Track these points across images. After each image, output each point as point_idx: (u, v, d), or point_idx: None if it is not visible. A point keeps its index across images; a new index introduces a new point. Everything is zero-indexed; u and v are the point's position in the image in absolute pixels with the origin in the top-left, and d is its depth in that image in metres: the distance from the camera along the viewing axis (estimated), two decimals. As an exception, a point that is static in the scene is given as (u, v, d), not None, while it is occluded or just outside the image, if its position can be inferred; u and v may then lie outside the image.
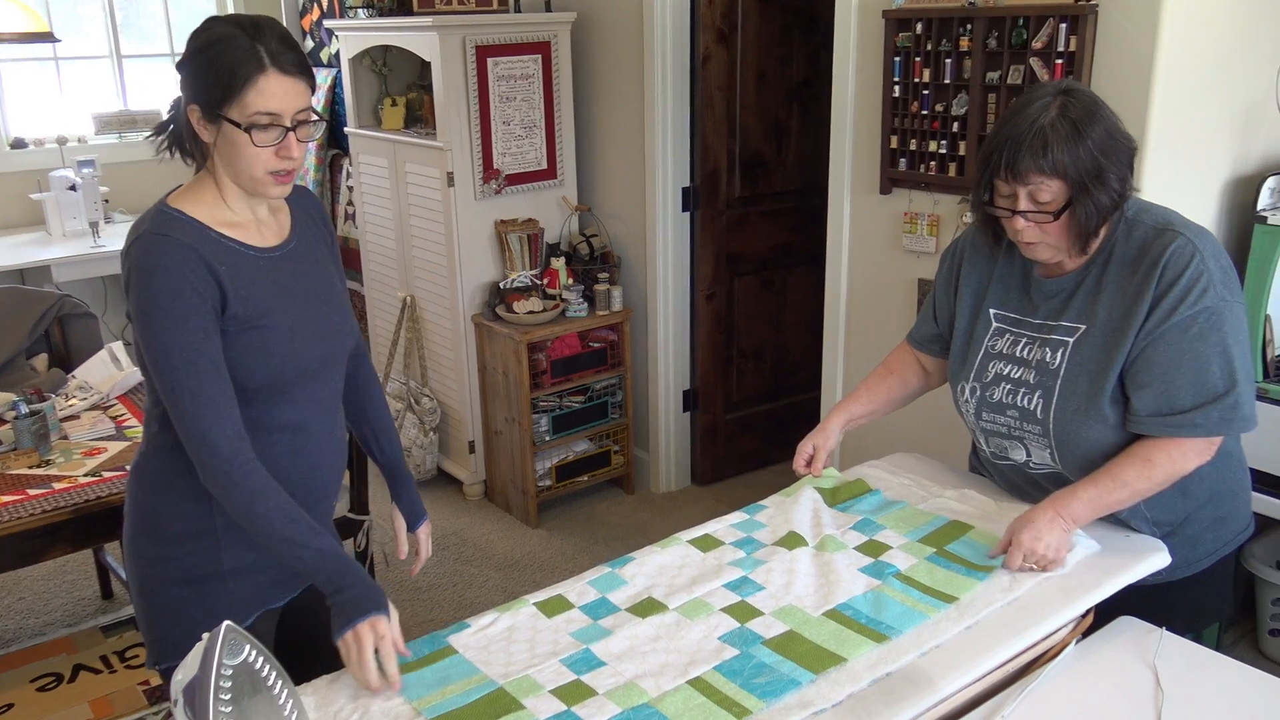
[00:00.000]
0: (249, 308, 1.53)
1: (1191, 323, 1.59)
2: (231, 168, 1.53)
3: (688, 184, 3.77)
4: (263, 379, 1.56)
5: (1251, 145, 2.60)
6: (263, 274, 1.57)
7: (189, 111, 1.51)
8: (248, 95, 1.47)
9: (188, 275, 1.47)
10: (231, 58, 1.46)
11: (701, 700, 1.40)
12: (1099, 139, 1.57)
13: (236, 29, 1.48)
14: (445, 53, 3.54)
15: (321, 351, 1.65)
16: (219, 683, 1.11)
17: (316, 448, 1.68)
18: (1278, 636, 2.75)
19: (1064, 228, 1.61)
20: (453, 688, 1.45)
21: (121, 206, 4.97)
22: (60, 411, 2.67)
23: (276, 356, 1.56)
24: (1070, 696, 1.58)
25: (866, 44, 2.89)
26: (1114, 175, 1.59)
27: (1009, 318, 1.80)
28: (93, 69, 5.12)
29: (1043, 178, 1.57)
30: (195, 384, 1.47)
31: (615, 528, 3.81)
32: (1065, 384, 1.71)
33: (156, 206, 1.54)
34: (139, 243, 1.49)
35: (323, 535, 1.53)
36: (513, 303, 3.69)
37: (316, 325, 1.64)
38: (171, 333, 1.46)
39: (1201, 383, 1.60)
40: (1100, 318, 1.67)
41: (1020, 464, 1.84)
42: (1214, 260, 1.61)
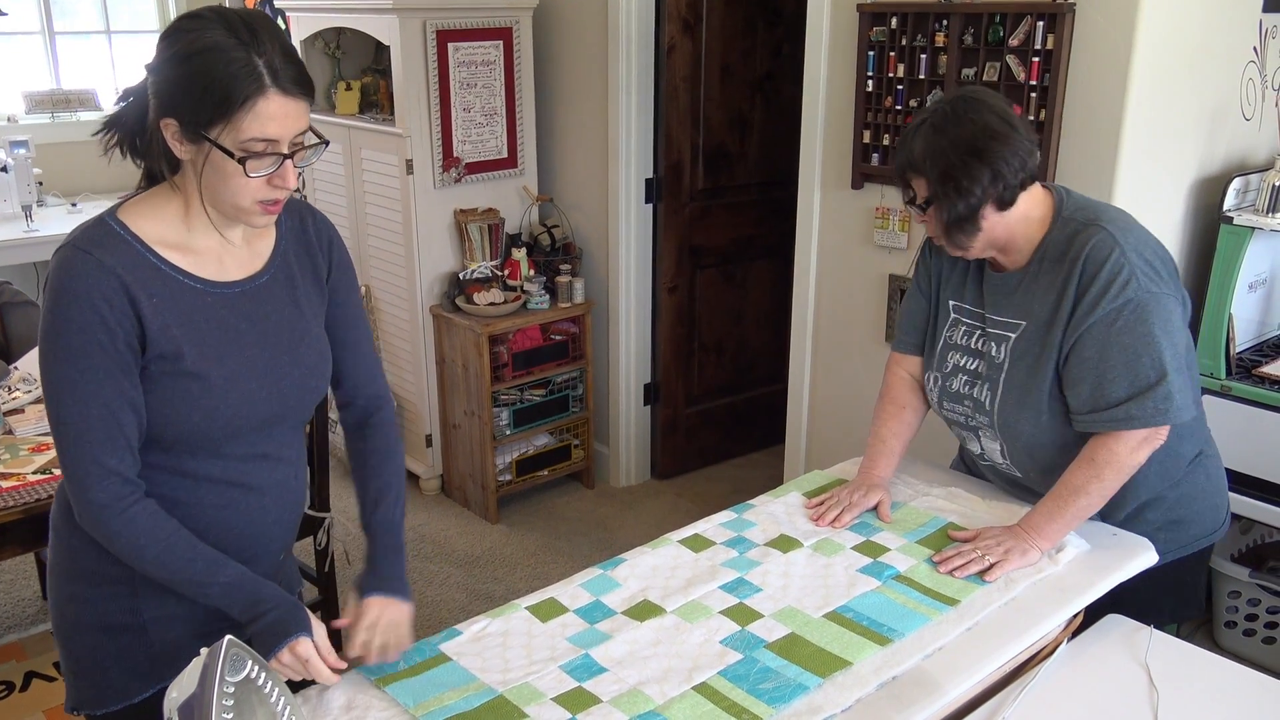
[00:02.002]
0: (177, 350, 1.34)
1: (1116, 316, 1.62)
2: (212, 193, 1.32)
3: (651, 175, 3.73)
4: (182, 433, 1.37)
5: (1217, 146, 2.65)
6: (208, 312, 1.37)
7: (162, 125, 1.29)
8: (243, 119, 1.25)
9: (99, 306, 1.27)
10: (225, 72, 1.24)
11: (709, 707, 1.37)
12: (962, 138, 1.62)
13: (229, 35, 1.25)
14: (405, 37, 3.44)
15: (269, 407, 1.43)
16: (220, 700, 1.04)
17: (258, 505, 1.47)
18: (1234, 629, 2.81)
19: (940, 222, 1.68)
20: (450, 694, 1.40)
21: (55, 190, 4.77)
22: (3, 405, 2.54)
23: (201, 411, 1.36)
24: (1067, 695, 1.59)
25: (839, 37, 2.87)
26: (982, 173, 1.61)
27: (964, 309, 1.84)
28: (23, 45, 4.90)
29: (911, 174, 1.68)
30: (80, 428, 1.30)
31: (576, 523, 3.76)
32: (1007, 378, 1.75)
33: (99, 217, 1.35)
34: (58, 255, 1.30)
35: (226, 566, 1.37)
36: (473, 294, 3.61)
37: (267, 376, 1.42)
38: (66, 368, 1.29)
39: (1133, 375, 1.62)
40: (1035, 314, 1.71)
41: (976, 455, 1.90)
42: (1136, 253, 1.63)
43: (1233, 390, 2.57)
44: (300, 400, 1.49)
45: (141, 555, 1.35)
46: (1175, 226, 2.62)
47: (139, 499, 1.35)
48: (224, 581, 1.37)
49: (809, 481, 2.01)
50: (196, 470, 1.41)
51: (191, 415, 1.36)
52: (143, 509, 1.35)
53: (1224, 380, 2.58)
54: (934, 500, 1.92)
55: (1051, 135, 2.43)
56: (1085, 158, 2.42)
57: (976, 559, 1.66)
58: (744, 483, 3.97)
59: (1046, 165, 2.45)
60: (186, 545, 1.36)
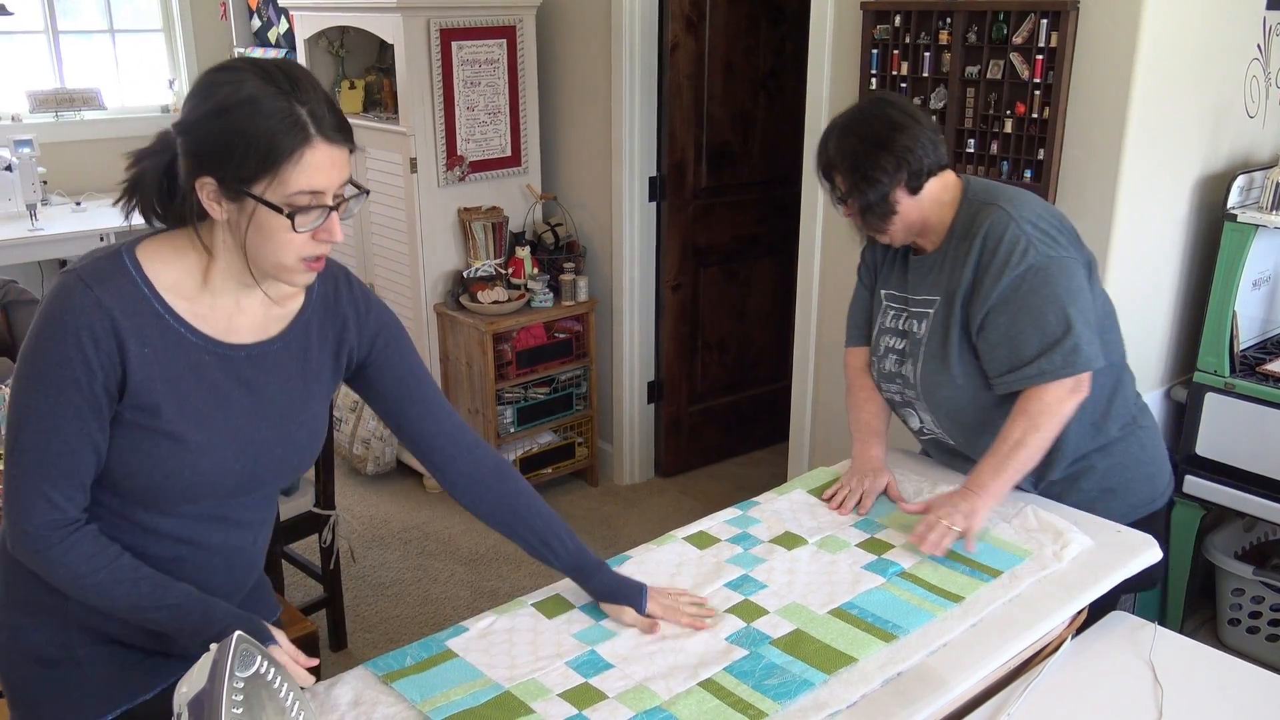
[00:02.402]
0: (156, 405, 1.28)
1: (1020, 282, 1.73)
2: (254, 251, 1.26)
3: (655, 173, 3.73)
4: (139, 486, 1.31)
5: (1221, 144, 2.65)
6: (202, 371, 1.31)
7: (198, 184, 1.23)
8: (289, 172, 1.20)
9: (84, 344, 1.22)
10: (268, 125, 1.19)
11: (715, 703, 1.38)
12: (868, 134, 1.78)
13: (267, 84, 1.20)
14: (409, 35, 3.45)
15: (240, 479, 1.37)
16: (230, 696, 1.05)
17: (206, 564, 1.41)
18: (1237, 626, 2.82)
19: (857, 214, 1.83)
20: (457, 690, 1.41)
21: (60, 189, 4.77)
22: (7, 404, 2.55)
23: (164, 472, 1.30)
24: (1072, 692, 1.59)
25: (842, 35, 2.87)
26: (888, 162, 1.76)
27: (894, 295, 1.98)
28: (27, 44, 4.91)
29: (830, 170, 1.84)
30: (35, 459, 1.25)
31: (580, 520, 3.77)
32: (926, 350, 1.88)
33: (116, 248, 1.30)
34: (64, 279, 1.25)
35: (172, 588, 1.31)
36: (477, 292, 3.62)
37: (247, 448, 1.36)
38: (36, 397, 1.23)
39: (1041, 332, 1.73)
40: (946, 289, 1.85)
41: (916, 431, 2.04)
42: (1030, 223, 1.75)
43: (1236, 388, 2.57)
44: (276, 476, 1.43)
45: (81, 584, 1.29)
46: (1179, 224, 2.63)
47: (79, 527, 1.29)
48: (171, 604, 1.31)
49: (813, 479, 2.02)
50: (146, 522, 1.35)
51: (154, 473, 1.30)
52: (82, 536, 1.29)
53: (1228, 378, 2.58)
54: (938, 497, 1.92)
55: (1055, 133, 2.44)
56: (1089, 155, 2.42)
57: (947, 529, 1.70)
58: (747, 481, 3.97)
59: (1050, 162, 2.46)
60: (129, 569, 1.31)
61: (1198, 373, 2.64)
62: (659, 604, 1.54)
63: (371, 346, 1.48)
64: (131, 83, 5.18)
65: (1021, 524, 1.80)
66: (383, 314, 1.50)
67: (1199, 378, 2.63)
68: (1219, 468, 2.63)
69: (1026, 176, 2.51)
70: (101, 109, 4.96)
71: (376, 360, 1.49)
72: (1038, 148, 2.48)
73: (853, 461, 1.99)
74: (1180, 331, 2.77)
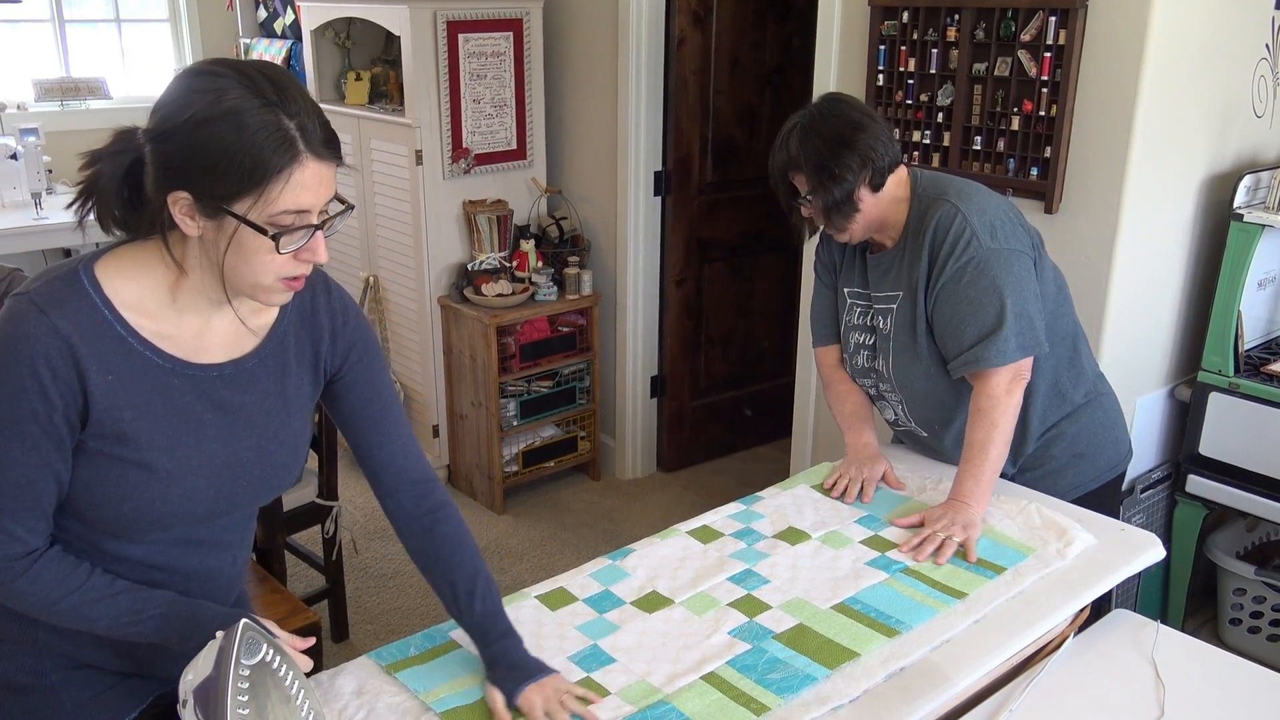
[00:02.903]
0: (122, 434, 1.19)
1: (962, 273, 1.81)
2: (230, 271, 1.17)
3: (660, 168, 3.73)
4: (104, 517, 1.23)
5: (1228, 143, 2.64)
6: (170, 395, 1.22)
7: (171, 199, 1.13)
8: (274, 191, 1.11)
9: (40, 373, 1.13)
10: (253, 141, 1.09)
11: (718, 696, 1.38)
12: (831, 133, 1.81)
13: (252, 93, 1.10)
14: (416, 27, 3.44)
15: (214, 505, 1.29)
16: (236, 683, 1.05)
17: (185, 588, 1.33)
18: (1239, 626, 2.82)
19: (821, 211, 1.86)
20: (460, 681, 1.41)
21: (64, 177, 4.77)
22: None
23: (131, 502, 1.22)
24: (1073, 689, 1.59)
25: (850, 31, 2.87)
26: (852, 160, 1.80)
27: (856, 293, 2.03)
28: (33, 33, 4.91)
29: (791, 172, 1.87)
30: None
31: (582, 514, 3.77)
32: (895, 342, 1.94)
33: (73, 266, 1.19)
34: (16, 302, 1.16)
35: (152, 597, 1.25)
36: (481, 285, 3.62)
37: (222, 473, 1.28)
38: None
39: (979, 322, 1.81)
40: (905, 283, 1.91)
41: (891, 423, 2.08)
42: (977, 216, 1.82)
43: (1241, 388, 2.57)
44: (255, 497, 1.35)
45: (54, 610, 1.22)
46: (1185, 223, 2.62)
47: (43, 554, 1.22)
48: (155, 614, 1.24)
49: (817, 474, 2.02)
50: (114, 550, 1.27)
51: (122, 503, 1.21)
52: (48, 561, 1.21)
53: (1232, 378, 2.58)
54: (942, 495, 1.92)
55: (1062, 131, 2.43)
56: (1096, 153, 2.42)
57: (947, 541, 1.71)
58: (750, 476, 3.97)
59: (1057, 160, 2.45)
60: (103, 586, 1.23)
61: (1202, 372, 2.64)
62: (536, 697, 1.35)
63: (345, 360, 1.40)
64: (137, 72, 5.19)
65: (1025, 521, 1.80)
66: (361, 328, 1.41)
67: (1203, 377, 2.63)
68: (1222, 467, 2.63)
69: (1033, 174, 2.51)
70: (107, 98, 4.96)
71: (346, 376, 1.41)
72: (1044, 145, 2.48)
73: (848, 450, 2.03)
74: (1185, 331, 2.77)
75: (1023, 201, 2.54)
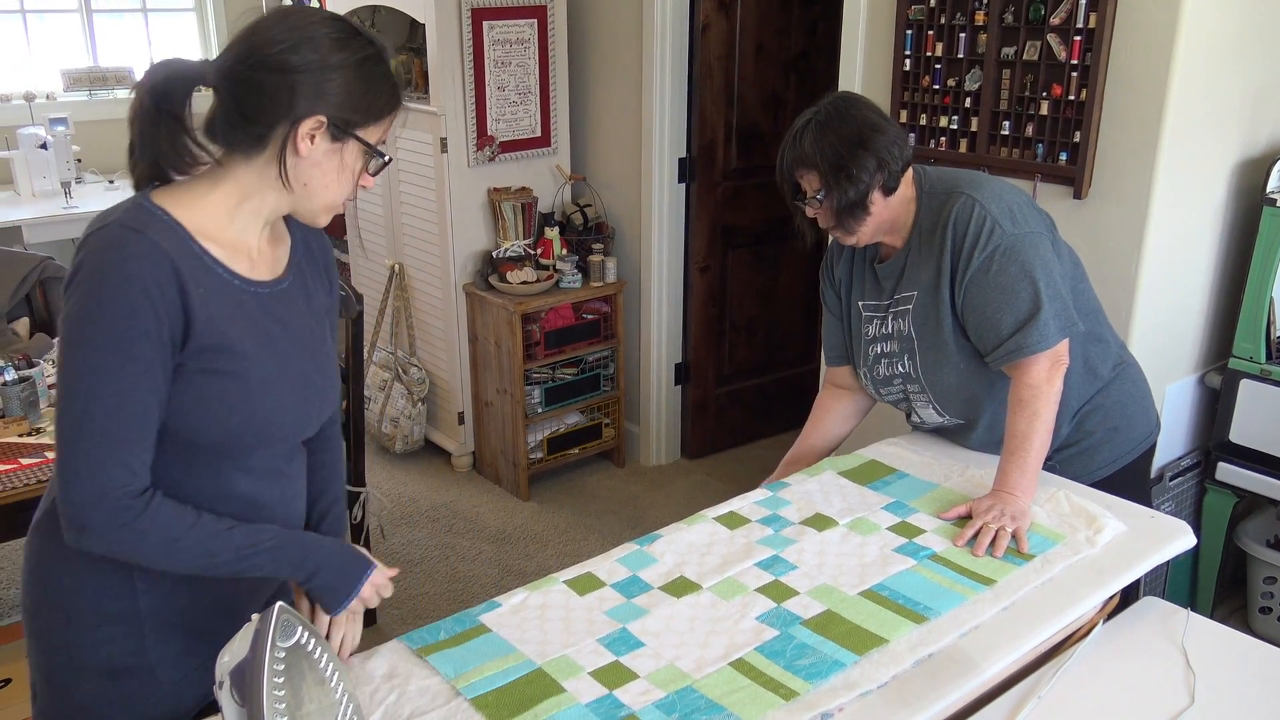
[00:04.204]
0: (220, 345, 1.26)
1: (990, 262, 1.79)
2: (314, 188, 1.30)
3: (684, 155, 3.73)
4: (217, 438, 1.29)
5: (1261, 128, 2.61)
6: (244, 310, 1.31)
7: (304, 122, 1.25)
8: (383, 126, 1.32)
9: (151, 291, 1.19)
10: (388, 81, 1.30)
11: (746, 683, 1.38)
12: (848, 133, 1.79)
13: (363, 42, 1.29)
14: (440, 15, 3.45)
15: (296, 414, 1.39)
16: (272, 665, 1.07)
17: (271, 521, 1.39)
18: (1269, 614, 2.79)
19: (832, 211, 1.83)
20: (490, 665, 1.42)
21: (93, 166, 4.83)
22: (47, 378, 2.59)
23: (239, 414, 1.29)
24: (1103, 676, 1.59)
25: (876, 16, 2.85)
26: (869, 161, 1.79)
27: (869, 305, 2.01)
28: (61, 23, 4.95)
29: (802, 168, 1.83)
30: (108, 425, 1.19)
31: (606, 501, 3.78)
32: (920, 342, 1.92)
33: (134, 199, 1.27)
34: (104, 232, 1.20)
35: (262, 530, 1.31)
36: (506, 272, 3.63)
37: (297, 382, 1.37)
38: (102, 354, 1.18)
39: (1014, 310, 1.79)
40: (922, 282, 1.89)
41: (922, 425, 2.08)
42: (994, 203, 1.81)
43: (1272, 375, 2.54)
44: (320, 410, 1.44)
45: (176, 547, 1.25)
46: (1217, 208, 2.59)
47: (155, 493, 1.25)
48: (268, 546, 1.31)
49: (843, 462, 2.02)
50: (217, 490, 1.33)
51: (229, 419, 1.28)
52: (161, 499, 1.25)
53: (1263, 364, 2.56)
54: (968, 482, 1.92)
55: (1092, 115, 2.41)
56: (1127, 138, 2.39)
57: (1000, 533, 1.69)
58: (773, 463, 3.91)
59: (1086, 146, 2.43)
60: (215, 522, 1.28)
61: (1233, 359, 2.61)
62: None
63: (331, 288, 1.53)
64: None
65: (1054, 509, 1.80)
66: (334, 270, 1.55)
67: (1234, 364, 2.61)
68: (1252, 455, 2.61)
69: (1062, 159, 2.49)
70: (134, 88, 5.00)
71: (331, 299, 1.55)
72: (1074, 130, 2.46)
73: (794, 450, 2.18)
74: (1216, 317, 2.74)
75: (1051, 187, 2.52)
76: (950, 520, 1.78)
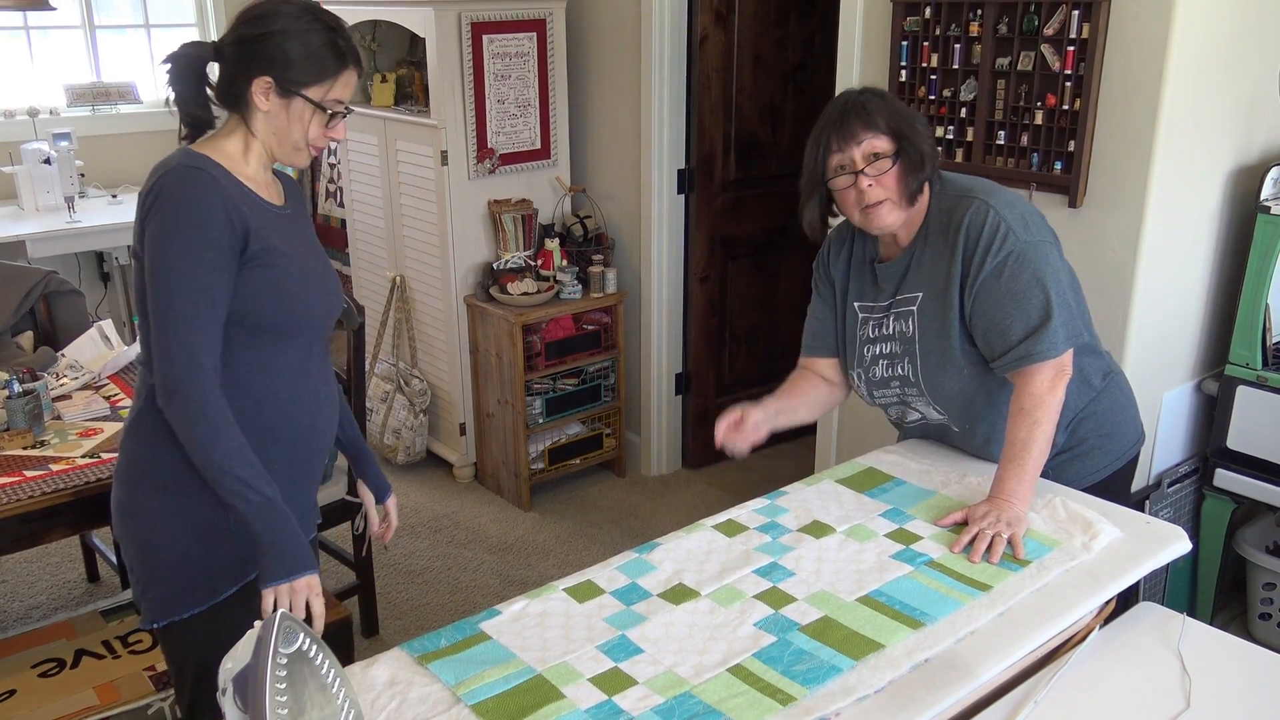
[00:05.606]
0: (265, 247, 1.62)
1: (1002, 268, 1.80)
2: (281, 135, 1.65)
3: (683, 166, 3.75)
4: (274, 317, 1.65)
5: (1255, 135, 2.63)
6: (274, 224, 1.67)
7: (256, 82, 1.61)
8: (333, 84, 1.63)
9: (215, 209, 1.54)
10: (317, 46, 1.60)
11: (744, 688, 1.40)
12: (899, 107, 1.85)
13: (316, 20, 1.61)
14: (440, 29, 3.48)
15: (322, 302, 1.75)
16: (275, 671, 1.08)
17: (314, 396, 1.76)
18: (1268, 620, 2.80)
19: (898, 176, 1.82)
20: (491, 672, 1.43)
21: (96, 181, 4.85)
22: (51, 391, 2.60)
23: (290, 297, 1.66)
24: (1099, 681, 1.60)
25: (872, 27, 2.88)
26: (929, 136, 1.84)
27: (868, 306, 2.01)
28: (64, 39, 4.98)
29: (871, 132, 1.80)
30: (192, 312, 1.54)
31: (608, 511, 3.79)
32: (921, 345, 1.92)
33: (182, 149, 1.63)
34: (171, 173, 1.56)
35: (272, 484, 1.60)
36: (506, 284, 3.65)
37: (318, 278, 1.74)
38: (184, 260, 1.53)
39: (1025, 317, 1.80)
40: (929, 283, 1.89)
41: (921, 421, 2.06)
42: (1008, 210, 1.82)
43: (1269, 381, 2.56)
44: (336, 300, 1.80)
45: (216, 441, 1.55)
46: (1211, 216, 2.61)
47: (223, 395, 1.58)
48: (267, 494, 1.58)
49: (842, 471, 2.03)
50: (274, 362, 1.67)
51: (282, 301, 1.64)
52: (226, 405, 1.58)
53: (1260, 371, 2.57)
54: (965, 489, 1.93)
55: (1086, 125, 2.43)
56: (1121, 147, 2.41)
57: (996, 539, 1.70)
58: (774, 473, 3.98)
59: (1081, 154, 2.45)
60: (249, 450, 1.59)
61: (1229, 366, 2.62)
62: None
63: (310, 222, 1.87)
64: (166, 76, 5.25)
65: (1050, 515, 1.81)
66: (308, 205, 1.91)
67: (1230, 371, 2.62)
68: (1250, 461, 2.62)
69: (1057, 168, 2.51)
70: (137, 102, 5.03)
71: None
72: (1068, 139, 2.48)
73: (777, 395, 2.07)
74: (1212, 324, 2.76)
75: (1047, 196, 2.54)
76: (947, 527, 1.79)
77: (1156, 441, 2.71)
